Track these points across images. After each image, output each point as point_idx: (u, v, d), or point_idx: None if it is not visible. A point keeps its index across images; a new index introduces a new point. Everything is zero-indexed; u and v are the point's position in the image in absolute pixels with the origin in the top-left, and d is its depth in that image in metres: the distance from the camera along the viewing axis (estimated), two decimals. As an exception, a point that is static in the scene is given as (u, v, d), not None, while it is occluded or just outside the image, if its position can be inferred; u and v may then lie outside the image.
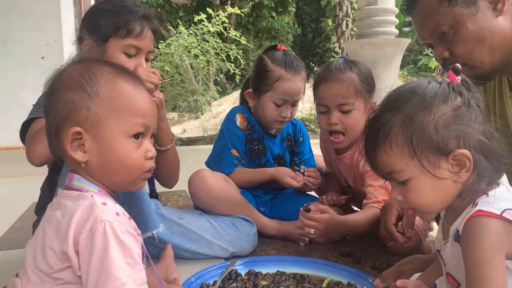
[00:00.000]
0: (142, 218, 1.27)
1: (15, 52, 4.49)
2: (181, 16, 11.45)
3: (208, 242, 1.44)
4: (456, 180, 0.82)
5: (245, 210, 1.62)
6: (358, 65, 1.59)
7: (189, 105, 8.12)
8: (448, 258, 0.86)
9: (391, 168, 0.85)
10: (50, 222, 0.78)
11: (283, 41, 13.50)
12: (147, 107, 0.84)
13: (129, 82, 0.83)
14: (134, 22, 1.33)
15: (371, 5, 4.99)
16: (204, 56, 8.18)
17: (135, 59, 1.34)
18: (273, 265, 1.33)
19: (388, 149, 0.84)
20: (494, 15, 1.17)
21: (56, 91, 0.80)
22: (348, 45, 6.62)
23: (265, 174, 1.74)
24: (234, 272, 1.26)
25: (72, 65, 0.83)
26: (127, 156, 0.81)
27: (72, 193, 0.80)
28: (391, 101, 0.87)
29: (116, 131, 0.80)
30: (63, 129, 0.78)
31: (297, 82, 1.69)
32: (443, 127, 0.80)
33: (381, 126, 0.85)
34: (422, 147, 0.81)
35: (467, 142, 0.80)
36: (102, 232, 0.72)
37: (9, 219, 2.09)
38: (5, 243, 1.74)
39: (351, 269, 1.30)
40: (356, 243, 1.62)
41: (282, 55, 1.73)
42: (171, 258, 1.32)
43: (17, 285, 0.80)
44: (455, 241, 0.83)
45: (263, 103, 1.73)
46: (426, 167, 0.81)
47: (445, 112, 0.81)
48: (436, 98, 0.82)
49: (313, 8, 16.17)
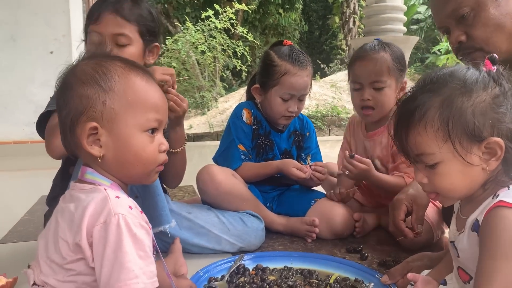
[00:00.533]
0: (156, 212, 1.28)
1: (23, 46, 4.51)
2: (188, 12, 11.44)
3: (216, 237, 1.45)
4: (485, 168, 0.82)
5: (253, 206, 1.63)
6: (391, 46, 1.67)
7: (195, 101, 8.12)
8: (463, 248, 0.86)
9: (422, 150, 0.85)
10: (63, 214, 0.79)
11: (289, 38, 13.46)
12: (159, 101, 0.85)
13: (142, 77, 0.84)
14: (93, 7, 1.33)
15: (379, 2, 4.96)
16: (211, 52, 8.17)
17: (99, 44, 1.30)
18: (281, 261, 1.34)
19: (423, 131, 0.84)
20: None
21: (70, 87, 0.80)
22: (355, 42, 6.60)
23: (271, 167, 1.74)
24: (242, 266, 1.27)
25: (84, 61, 0.84)
26: (143, 150, 0.82)
27: (85, 186, 0.80)
28: (428, 83, 0.86)
29: (131, 126, 0.81)
30: (78, 124, 0.78)
31: (303, 77, 1.70)
32: (480, 113, 0.81)
33: (418, 107, 0.84)
34: (458, 131, 0.81)
35: (501, 131, 0.81)
36: (116, 224, 0.73)
37: (18, 212, 2.11)
38: (15, 235, 1.76)
39: (359, 265, 1.30)
40: (363, 240, 1.63)
41: (288, 50, 1.73)
42: (180, 252, 1.33)
43: (29, 275, 0.81)
44: (472, 231, 0.82)
45: (270, 98, 1.73)
46: (458, 151, 0.81)
47: (484, 99, 0.81)
48: (476, 84, 0.82)
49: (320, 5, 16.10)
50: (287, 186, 1.88)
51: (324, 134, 6.52)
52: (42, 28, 4.52)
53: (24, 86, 4.49)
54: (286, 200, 1.82)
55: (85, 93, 0.78)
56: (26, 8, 4.50)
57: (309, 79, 1.73)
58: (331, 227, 1.61)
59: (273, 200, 1.84)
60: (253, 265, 1.30)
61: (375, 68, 1.61)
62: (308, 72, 1.72)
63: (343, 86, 8.82)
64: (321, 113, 7.14)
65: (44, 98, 1.44)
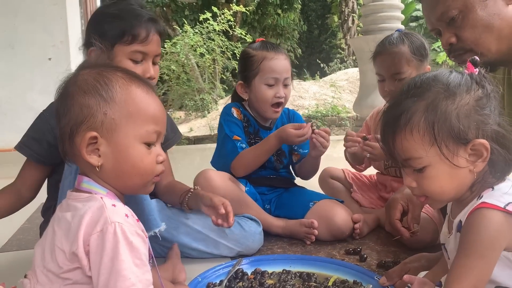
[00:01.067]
0: (143, 218, 1.28)
1: (22, 53, 4.52)
2: (186, 15, 11.47)
3: (214, 242, 1.45)
4: (472, 169, 0.83)
5: (250, 209, 1.62)
6: (410, 37, 1.71)
7: (195, 104, 8.13)
8: (451, 250, 0.87)
9: (409, 155, 0.86)
10: (59, 223, 0.79)
11: (289, 38, 13.47)
12: (158, 113, 0.86)
13: (142, 88, 0.85)
14: (139, 27, 1.29)
15: (376, 1, 4.94)
16: (210, 54, 8.19)
17: (141, 65, 1.32)
18: (279, 264, 1.34)
19: (409, 135, 0.84)
20: (505, 3, 1.17)
21: (71, 96, 0.81)
22: (353, 42, 6.59)
23: (269, 140, 1.71)
24: (240, 271, 1.27)
25: (84, 70, 0.84)
26: (141, 161, 0.83)
27: (82, 195, 0.81)
28: (412, 88, 0.87)
29: (131, 136, 0.82)
30: (78, 133, 0.79)
31: (281, 59, 1.76)
32: (464, 116, 0.82)
33: (403, 112, 0.85)
34: (443, 135, 0.82)
35: (486, 133, 0.82)
36: (113, 233, 0.73)
37: (18, 220, 2.11)
38: (14, 243, 1.76)
39: (357, 267, 1.30)
40: (362, 241, 1.62)
41: (261, 42, 1.83)
42: (178, 257, 1.33)
43: (26, 285, 0.81)
44: (457, 232, 0.84)
45: (256, 89, 1.76)
46: (445, 154, 0.82)
47: (468, 101, 0.82)
48: (459, 87, 0.83)
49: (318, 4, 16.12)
50: (285, 188, 1.88)
51: (325, 134, 6.51)
52: (40, 35, 4.53)
53: (23, 93, 4.50)
54: (285, 203, 1.81)
55: (86, 103, 0.79)
56: (24, 15, 4.52)
57: (288, 62, 1.79)
58: (330, 228, 1.61)
59: (270, 202, 1.84)
60: (252, 269, 1.30)
61: (393, 62, 1.67)
62: (284, 56, 1.79)
63: (342, 85, 8.83)
64: (321, 113, 7.14)
65: (44, 104, 1.44)
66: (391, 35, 1.75)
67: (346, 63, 13.15)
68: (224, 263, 1.32)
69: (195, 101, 8.15)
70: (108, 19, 1.30)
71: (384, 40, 1.75)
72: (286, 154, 1.88)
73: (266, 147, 1.71)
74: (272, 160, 1.84)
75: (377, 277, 1.20)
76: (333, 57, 14.24)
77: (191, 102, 8.15)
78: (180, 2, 11.84)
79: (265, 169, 1.84)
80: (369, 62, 1.80)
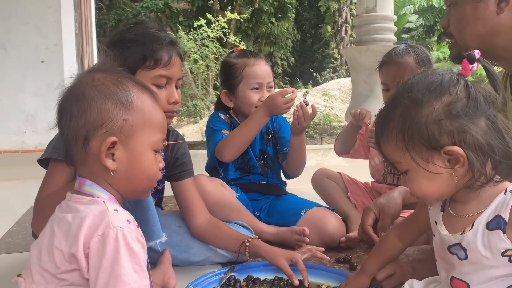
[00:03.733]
0: (147, 227, 1.27)
1: (15, 55, 4.50)
2: (181, 21, 11.50)
3: (205, 249, 1.45)
4: (453, 174, 0.83)
5: (242, 215, 1.63)
6: (416, 49, 1.76)
7: (188, 110, 8.14)
8: (475, 248, 0.83)
9: (392, 159, 0.90)
10: (59, 223, 0.79)
11: (282, 47, 13.55)
12: (164, 122, 0.90)
13: (152, 98, 0.88)
14: (160, 50, 1.25)
15: (369, 12, 5.01)
16: (204, 61, 8.22)
17: (165, 89, 1.28)
18: (271, 271, 1.33)
19: (386, 142, 0.88)
20: (495, 11, 1.20)
21: (89, 98, 0.81)
22: (346, 52, 6.65)
23: (256, 113, 1.70)
24: (232, 278, 1.26)
25: (97, 73, 0.85)
26: (151, 167, 0.86)
27: (84, 198, 0.81)
28: (393, 96, 0.90)
29: (145, 143, 0.84)
30: (95, 136, 0.80)
31: (262, 64, 1.80)
32: (433, 122, 0.81)
33: (383, 119, 0.89)
34: (414, 142, 0.83)
35: (462, 137, 0.81)
36: (114, 237, 0.73)
37: (7, 223, 2.09)
38: (2, 246, 1.74)
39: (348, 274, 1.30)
40: (353, 250, 1.63)
41: (240, 51, 1.87)
42: (169, 263, 1.32)
43: (20, 284, 0.80)
44: (495, 229, 0.81)
45: (240, 96, 1.79)
46: (417, 161, 0.84)
47: (436, 108, 0.82)
48: (427, 94, 0.83)
49: (312, 14, 16.25)
50: (277, 195, 1.88)
51: (316, 142, 6.55)
52: (33, 37, 4.52)
53: (15, 95, 4.48)
54: (276, 210, 1.82)
55: (106, 107, 0.80)
56: (18, 17, 4.50)
57: (268, 67, 1.83)
58: (322, 236, 1.61)
59: (261, 209, 1.84)
60: (244, 276, 1.30)
61: (399, 71, 1.71)
62: (265, 61, 1.83)
63: (335, 94, 8.89)
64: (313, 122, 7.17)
65: (35, 107, 1.44)
66: (397, 47, 1.80)
67: (339, 73, 13.25)
68: (216, 270, 1.31)
69: (187, 107, 8.15)
70: (127, 45, 1.25)
71: (391, 51, 1.80)
72: (272, 157, 1.89)
73: (253, 120, 1.70)
74: (258, 165, 1.85)
75: None
76: (325, 66, 14.34)
77: (183, 108, 8.15)
78: (174, 8, 11.87)
79: (253, 174, 1.85)
80: (361, 72, 1.85)
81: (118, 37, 1.29)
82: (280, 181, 1.94)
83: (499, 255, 0.80)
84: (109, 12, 12.76)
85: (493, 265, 0.82)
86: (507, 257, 0.80)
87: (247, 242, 1.36)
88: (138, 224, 0.81)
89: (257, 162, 1.84)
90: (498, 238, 0.80)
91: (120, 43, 1.27)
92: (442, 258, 0.92)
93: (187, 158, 1.51)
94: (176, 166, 1.47)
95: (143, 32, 1.28)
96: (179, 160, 1.47)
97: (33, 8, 4.55)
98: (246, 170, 1.85)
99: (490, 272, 0.83)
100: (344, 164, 4.20)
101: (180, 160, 1.47)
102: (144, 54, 1.24)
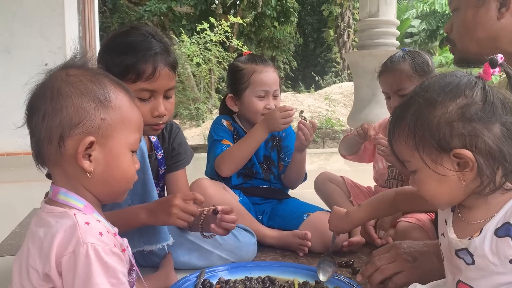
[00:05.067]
0: (155, 230, 1.27)
1: (18, 58, 4.51)
2: (184, 24, 11.53)
3: (207, 252, 1.45)
4: (461, 178, 0.81)
5: (244, 219, 1.63)
6: (412, 55, 1.77)
7: (190, 113, 8.14)
8: (483, 254, 0.82)
9: (402, 157, 0.89)
10: (33, 240, 0.76)
11: (285, 51, 13.57)
12: (141, 121, 0.87)
13: (128, 96, 0.84)
14: (144, 63, 1.18)
15: (372, 17, 5.01)
16: (206, 64, 8.23)
17: (149, 102, 1.23)
18: (239, 272, 1.33)
19: (398, 140, 0.88)
20: (496, 16, 1.21)
21: (65, 95, 0.76)
22: (349, 56, 6.65)
23: (256, 129, 1.70)
24: (207, 282, 1.25)
25: (72, 69, 0.80)
26: (129, 168, 0.82)
27: (56, 210, 0.77)
28: (410, 95, 0.89)
29: (123, 143, 0.81)
30: (71, 136, 0.75)
31: (270, 72, 1.79)
32: (445, 124, 0.80)
33: (397, 117, 0.89)
34: (424, 143, 0.82)
35: (474, 142, 0.79)
36: (85, 255, 0.70)
37: (9, 225, 2.09)
38: (5, 249, 1.75)
39: (315, 268, 1.32)
40: (355, 254, 1.62)
41: (249, 55, 1.86)
42: (171, 266, 1.33)
43: None
44: (504, 237, 0.80)
45: (246, 102, 1.78)
46: (426, 161, 0.83)
47: (450, 109, 0.80)
48: (442, 94, 0.82)
49: (315, 18, 16.27)
50: (279, 199, 1.88)
51: (319, 146, 6.54)
52: (37, 40, 4.54)
53: (18, 97, 4.47)
54: (279, 214, 1.82)
55: (83, 105, 0.76)
56: (22, 20, 4.52)
57: (276, 74, 1.82)
58: (324, 240, 1.61)
59: (263, 213, 1.84)
60: (215, 280, 1.29)
61: (395, 79, 1.74)
62: (273, 69, 1.82)
63: (337, 98, 8.88)
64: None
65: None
66: (394, 54, 1.81)
67: (341, 77, 13.25)
68: (188, 275, 1.28)
69: (190, 110, 8.16)
70: (112, 54, 1.20)
71: (387, 59, 1.81)
72: (275, 164, 1.89)
73: (252, 136, 1.70)
74: (261, 171, 1.84)
75: (338, 275, 1.26)
76: (328, 70, 14.34)
77: (186, 111, 8.16)
78: (177, 11, 11.91)
79: (256, 179, 1.84)
80: (364, 76, 1.86)
81: (107, 44, 1.26)
82: (282, 186, 1.94)
83: (507, 262, 0.79)
84: (113, 15, 12.81)
85: (501, 272, 0.81)
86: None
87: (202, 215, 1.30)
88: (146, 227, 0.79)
89: (260, 168, 1.84)
90: (507, 245, 0.79)
91: (106, 51, 1.23)
92: (449, 260, 0.91)
93: (183, 147, 1.51)
94: (172, 156, 1.49)
95: (132, 40, 1.21)
96: (175, 150, 1.49)
97: (37, 11, 4.57)
98: (249, 176, 1.85)
99: (497, 278, 0.82)
100: (346, 168, 4.20)
101: (176, 150, 1.49)
102: (125, 66, 1.17)
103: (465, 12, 1.26)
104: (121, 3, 12.58)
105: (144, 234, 1.28)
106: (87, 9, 5.21)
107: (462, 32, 1.29)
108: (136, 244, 1.28)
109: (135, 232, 1.26)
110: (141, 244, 1.28)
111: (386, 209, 1.15)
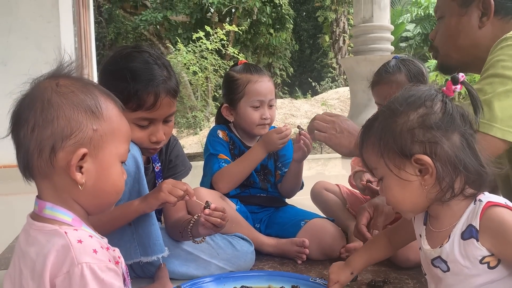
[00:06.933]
0: (150, 241, 1.27)
1: (14, 70, 4.52)
2: (180, 33, 11.58)
3: (205, 262, 1.44)
4: (422, 183, 0.86)
5: (241, 228, 1.62)
6: (407, 64, 1.72)
7: (187, 121, 8.16)
8: (455, 259, 0.85)
9: (369, 164, 0.94)
10: (25, 260, 0.74)
11: (281, 57, 13.63)
12: (130, 132, 0.86)
13: (118, 107, 0.83)
14: (145, 92, 1.17)
15: (366, 23, 5.05)
16: (203, 72, 8.26)
17: (148, 128, 1.23)
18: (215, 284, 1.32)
19: (366, 148, 0.93)
20: (477, 25, 1.26)
21: (56, 106, 0.75)
22: (344, 62, 6.69)
23: (253, 149, 1.71)
24: None
25: (61, 79, 0.79)
26: (119, 179, 0.82)
27: (46, 227, 0.74)
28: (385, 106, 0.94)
29: (114, 155, 0.80)
30: (63, 148, 0.74)
31: (265, 81, 1.78)
32: (406, 131, 0.85)
33: (366, 127, 0.95)
34: (388, 149, 0.87)
35: (433, 149, 0.84)
36: (80, 275, 0.69)
37: (7, 238, 2.08)
38: (2, 262, 1.74)
39: (289, 274, 1.36)
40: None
41: (244, 65, 1.85)
42: (167, 277, 1.32)
43: None
44: (468, 239, 0.83)
45: (241, 112, 1.78)
46: (390, 168, 0.88)
47: (411, 118, 0.86)
48: (404, 105, 0.88)
49: (310, 24, 16.37)
50: (276, 207, 1.88)
51: (316, 152, 6.54)
52: (33, 52, 4.55)
53: (15, 110, 4.49)
54: (276, 222, 1.82)
55: (75, 116, 0.75)
56: (17, 32, 4.54)
57: (272, 84, 1.81)
58: (322, 247, 1.61)
59: (261, 221, 1.84)
60: None
61: (389, 91, 1.67)
62: (268, 78, 1.81)
63: (334, 104, 8.91)
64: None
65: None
66: (387, 63, 1.75)
67: (337, 82, 13.30)
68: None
69: (187, 119, 8.18)
70: (113, 81, 1.18)
71: (381, 69, 1.76)
72: (272, 173, 1.89)
73: (251, 156, 1.71)
74: (258, 180, 1.84)
75: (313, 279, 1.27)
76: (324, 76, 14.39)
77: (183, 119, 8.18)
78: (173, 20, 11.96)
79: (253, 188, 1.84)
80: (359, 82, 1.86)
81: (106, 67, 1.24)
82: (279, 194, 1.94)
83: (477, 263, 0.82)
84: (108, 25, 12.86)
85: (475, 274, 0.84)
86: (486, 264, 0.82)
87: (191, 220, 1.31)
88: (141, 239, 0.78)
89: (257, 177, 1.84)
90: (473, 247, 0.82)
91: (107, 76, 1.22)
92: (429, 272, 0.95)
93: (180, 159, 1.51)
94: (169, 168, 1.49)
95: (133, 67, 1.19)
96: (172, 162, 1.50)
97: (32, 23, 4.59)
98: (246, 185, 1.85)
99: (474, 281, 0.84)
100: (344, 173, 4.20)
101: (173, 163, 1.50)
102: (127, 96, 1.15)
103: (449, 20, 1.31)
104: (117, 13, 12.63)
105: (140, 246, 1.28)
106: (83, 20, 5.23)
107: (445, 39, 1.34)
108: (133, 256, 1.28)
109: (131, 243, 1.27)
110: (138, 255, 1.28)
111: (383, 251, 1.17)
